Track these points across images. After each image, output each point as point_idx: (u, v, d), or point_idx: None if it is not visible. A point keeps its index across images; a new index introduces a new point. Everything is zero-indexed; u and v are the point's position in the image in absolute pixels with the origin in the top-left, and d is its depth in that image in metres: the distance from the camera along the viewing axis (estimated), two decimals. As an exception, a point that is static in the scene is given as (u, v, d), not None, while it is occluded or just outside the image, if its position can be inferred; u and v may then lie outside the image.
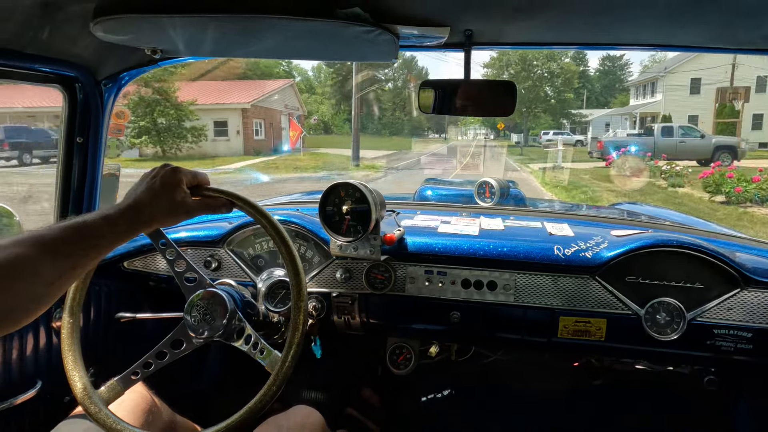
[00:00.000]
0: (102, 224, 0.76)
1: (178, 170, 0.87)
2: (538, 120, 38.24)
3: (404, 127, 47.10)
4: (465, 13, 0.93)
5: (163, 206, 0.84)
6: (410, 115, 46.45)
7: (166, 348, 1.00)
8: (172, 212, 0.85)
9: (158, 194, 0.83)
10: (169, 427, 1.13)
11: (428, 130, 51.96)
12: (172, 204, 0.84)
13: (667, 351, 1.25)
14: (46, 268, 0.68)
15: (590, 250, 1.27)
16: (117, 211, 0.79)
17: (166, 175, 0.85)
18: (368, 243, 1.26)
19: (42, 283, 0.68)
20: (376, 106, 45.41)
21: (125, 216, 0.79)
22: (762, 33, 0.98)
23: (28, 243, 0.68)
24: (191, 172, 0.90)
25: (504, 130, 42.19)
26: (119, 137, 1.60)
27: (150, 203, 0.82)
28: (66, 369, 0.95)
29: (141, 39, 1.03)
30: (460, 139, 60.09)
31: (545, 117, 37.96)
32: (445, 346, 1.63)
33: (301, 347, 0.93)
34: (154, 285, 1.46)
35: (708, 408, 1.57)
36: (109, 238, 0.77)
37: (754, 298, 1.20)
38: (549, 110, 37.19)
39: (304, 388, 1.80)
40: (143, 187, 0.83)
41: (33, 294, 0.68)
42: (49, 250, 0.69)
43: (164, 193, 0.84)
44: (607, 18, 0.96)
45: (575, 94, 40.86)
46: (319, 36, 0.96)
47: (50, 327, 1.20)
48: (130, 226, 0.80)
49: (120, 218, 0.78)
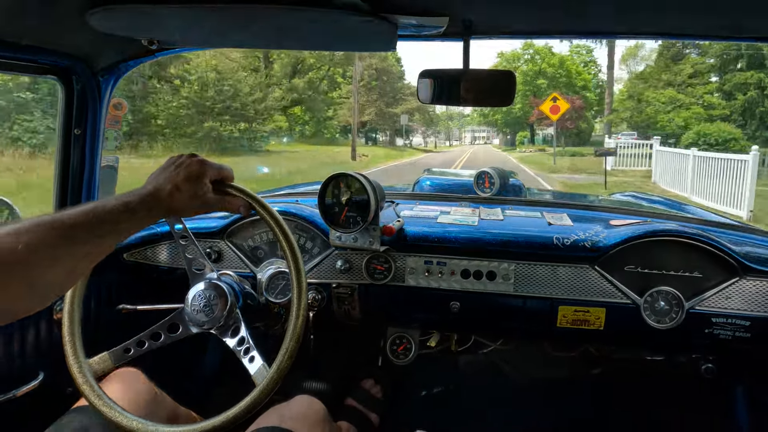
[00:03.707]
0: (122, 210, 0.75)
1: (203, 162, 0.86)
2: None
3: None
4: (464, 2, 0.92)
5: (184, 197, 0.83)
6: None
7: (162, 330, 1.01)
8: (191, 204, 0.85)
9: (180, 185, 0.82)
10: (171, 417, 1.14)
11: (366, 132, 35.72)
12: (193, 196, 0.84)
13: (665, 339, 1.26)
14: (63, 253, 0.67)
15: (589, 239, 1.27)
16: (137, 197, 0.78)
17: (191, 166, 0.84)
18: (368, 234, 1.26)
19: (59, 269, 0.67)
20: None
21: (145, 203, 0.79)
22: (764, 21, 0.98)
23: (47, 227, 0.66)
24: (217, 166, 0.89)
25: (561, 128, 26.38)
26: (117, 129, 1.59)
27: (171, 193, 0.81)
28: (67, 360, 0.95)
29: (137, 30, 1.02)
30: (448, 145, 49.95)
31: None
32: (444, 336, 1.64)
33: (294, 355, 0.93)
34: (155, 277, 1.46)
35: (706, 396, 1.58)
36: (127, 225, 0.76)
37: (752, 287, 1.20)
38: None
39: (305, 379, 1.81)
40: (166, 175, 0.82)
41: (49, 281, 0.67)
42: (67, 235, 0.67)
43: (186, 183, 0.83)
44: (608, 7, 0.95)
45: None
46: (317, 26, 0.96)
47: (51, 319, 1.21)
48: (149, 214, 0.79)
49: (140, 205, 0.78)
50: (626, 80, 27.99)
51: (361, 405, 1.69)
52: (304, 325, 0.95)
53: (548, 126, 30.61)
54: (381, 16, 0.90)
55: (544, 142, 34.81)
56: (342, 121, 32.18)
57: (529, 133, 37.15)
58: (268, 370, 0.92)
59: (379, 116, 33.82)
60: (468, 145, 48.82)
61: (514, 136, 39.72)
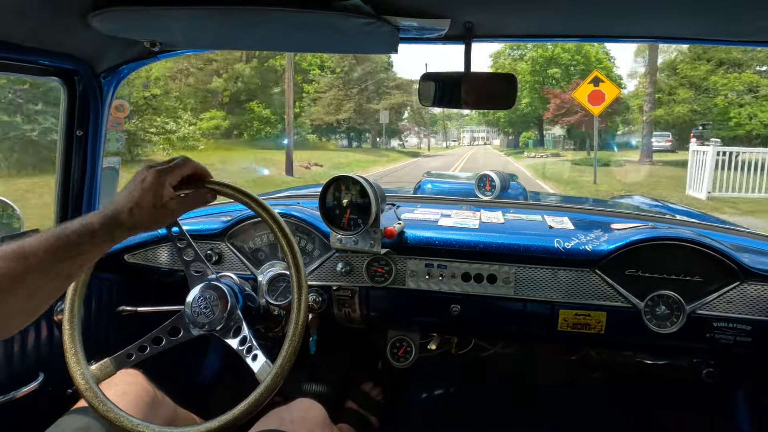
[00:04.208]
0: (83, 234, 0.74)
1: (158, 172, 0.83)
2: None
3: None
4: (465, 5, 0.93)
5: (145, 213, 0.81)
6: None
7: (163, 334, 1.01)
8: (156, 217, 0.83)
9: (138, 201, 0.80)
10: (170, 418, 1.14)
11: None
12: (152, 210, 0.82)
13: (666, 344, 1.26)
14: (30, 282, 0.68)
15: (590, 243, 1.27)
16: (99, 219, 0.77)
17: (146, 179, 0.82)
18: (369, 236, 1.26)
19: (28, 296, 0.68)
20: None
21: (107, 226, 0.77)
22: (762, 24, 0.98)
23: (10, 257, 0.66)
24: (183, 171, 0.86)
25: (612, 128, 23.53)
26: (118, 130, 1.58)
27: (131, 211, 0.80)
28: (67, 362, 0.95)
29: (140, 32, 1.02)
30: (445, 146, 45.22)
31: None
32: (445, 340, 1.63)
33: (296, 352, 0.93)
34: (155, 278, 1.46)
35: (707, 400, 1.58)
36: (90, 249, 0.75)
37: (753, 292, 1.20)
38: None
39: (305, 381, 1.81)
40: (125, 194, 0.81)
41: (20, 307, 0.68)
42: (32, 264, 0.68)
43: (145, 198, 0.81)
44: (609, 10, 0.95)
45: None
46: (319, 28, 0.96)
47: (52, 320, 1.21)
48: (112, 237, 0.78)
49: (101, 228, 0.76)
50: (670, 62, 19.78)
51: (361, 408, 1.69)
52: (305, 323, 0.95)
53: (556, 125, 25.65)
54: (383, 18, 0.91)
55: (554, 145, 28.96)
56: (317, 119, 27.01)
57: (535, 133, 31.76)
58: (272, 366, 0.92)
59: (359, 113, 27.72)
60: (467, 145, 46.33)
61: (517, 137, 34.76)
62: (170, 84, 20.06)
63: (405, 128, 36.22)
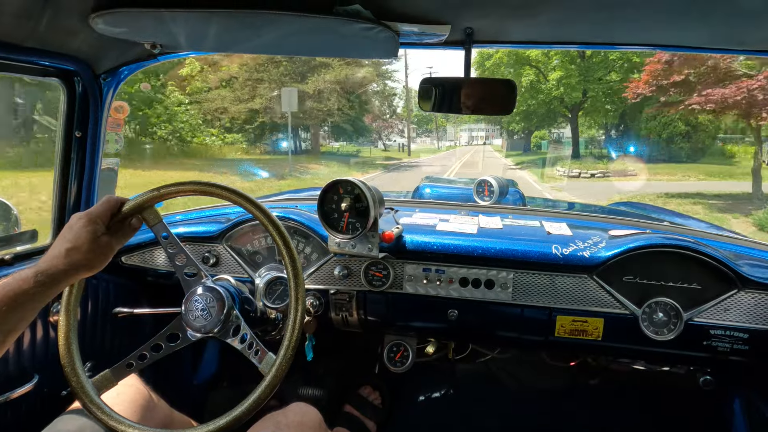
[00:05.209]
0: (33, 284, 0.78)
1: (87, 213, 0.87)
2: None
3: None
4: (466, 11, 0.93)
5: (82, 252, 0.83)
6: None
7: (162, 341, 1.00)
8: (95, 255, 0.85)
9: (74, 242, 0.83)
10: (166, 421, 1.13)
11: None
12: (89, 246, 0.84)
13: (663, 351, 1.26)
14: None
15: (588, 249, 1.27)
16: (45, 268, 0.80)
17: (77, 223, 0.85)
18: (367, 240, 1.25)
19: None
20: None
21: (51, 276, 0.80)
22: (763, 34, 0.98)
23: None
24: (108, 206, 0.89)
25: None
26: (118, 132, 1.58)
27: (67, 253, 0.82)
28: (63, 363, 0.95)
29: (140, 33, 1.02)
30: (436, 147, 37.14)
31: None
32: (442, 344, 1.63)
33: (297, 346, 0.93)
34: (153, 280, 1.46)
35: (704, 408, 1.57)
36: (41, 296, 0.80)
37: (750, 300, 1.20)
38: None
39: (302, 386, 1.80)
40: (57, 242, 0.84)
41: None
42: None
43: (79, 239, 0.84)
44: (608, 17, 0.96)
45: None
46: (320, 32, 0.96)
47: (48, 321, 1.20)
48: (58, 285, 0.82)
49: (47, 278, 0.80)
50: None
51: (358, 412, 1.68)
52: (302, 325, 0.94)
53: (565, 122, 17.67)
54: (383, 23, 0.91)
55: (587, 148, 19.11)
56: (235, 114, 17.61)
57: (548, 132, 22.49)
58: (275, 357, 0.93)
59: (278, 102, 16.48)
60: (464, 146, 40.05)
61: (528, 138, 24.77)
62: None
63: (385, 126, 29.37)
